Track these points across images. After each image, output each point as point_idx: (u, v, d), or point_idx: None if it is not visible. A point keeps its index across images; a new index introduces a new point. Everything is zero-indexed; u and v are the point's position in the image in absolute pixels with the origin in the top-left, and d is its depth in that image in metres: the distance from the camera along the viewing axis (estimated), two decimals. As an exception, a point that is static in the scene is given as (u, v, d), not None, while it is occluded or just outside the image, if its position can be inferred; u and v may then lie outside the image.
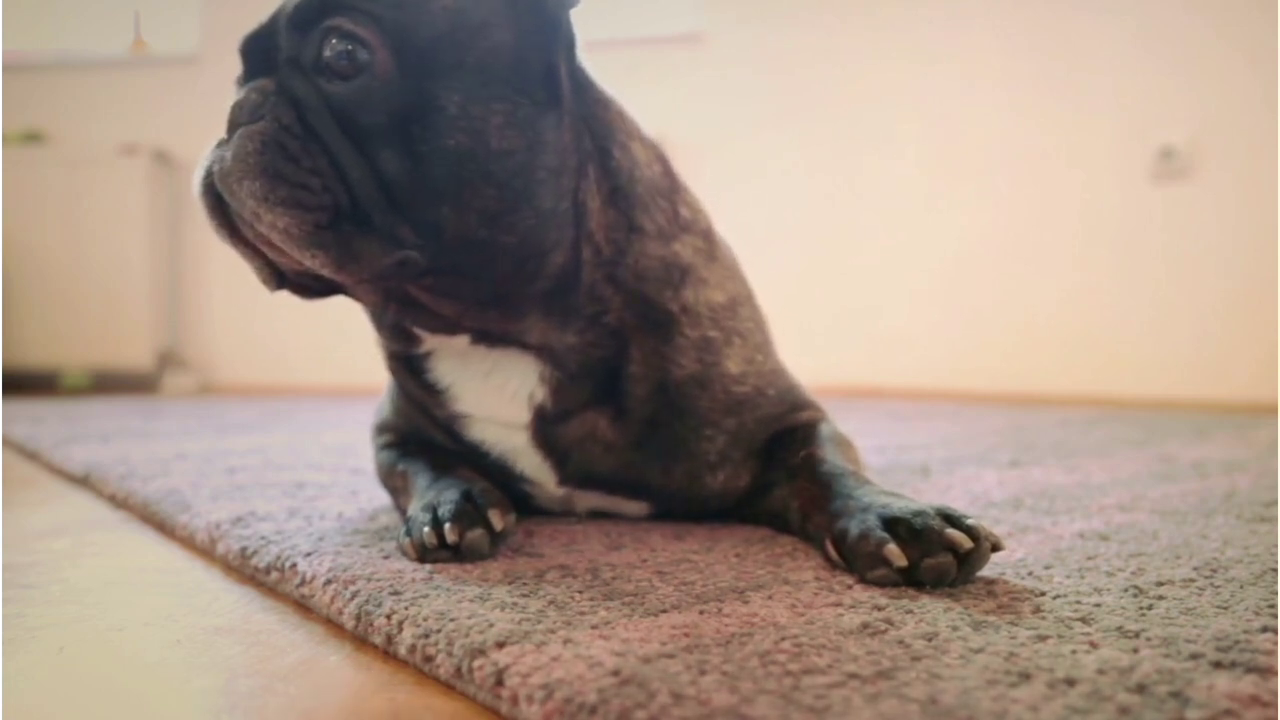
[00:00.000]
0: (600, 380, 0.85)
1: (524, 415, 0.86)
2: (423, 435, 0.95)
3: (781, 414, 0.91)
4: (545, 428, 0.86)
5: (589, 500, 0.92)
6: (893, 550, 0.67)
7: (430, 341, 0.86)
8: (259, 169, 0.70)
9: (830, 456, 0.85)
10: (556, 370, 0.84)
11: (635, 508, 0.92)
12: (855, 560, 0.70)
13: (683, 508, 0.91)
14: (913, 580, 0.67)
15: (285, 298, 0.82)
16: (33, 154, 3.69)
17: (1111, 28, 3.08)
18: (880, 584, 0.67)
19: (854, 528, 0.71)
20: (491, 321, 0.82)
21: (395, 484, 0.94)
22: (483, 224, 0.75)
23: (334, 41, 0.73)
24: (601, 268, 0.82)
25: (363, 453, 1.41)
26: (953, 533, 0.66)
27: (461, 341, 0.84)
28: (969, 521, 0.68)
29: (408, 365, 0.90)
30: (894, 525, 0.69)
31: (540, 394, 0.85)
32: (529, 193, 0.76)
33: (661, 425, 0.86)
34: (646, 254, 0.85)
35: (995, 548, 0.68)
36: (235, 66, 0.79)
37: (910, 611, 0.61)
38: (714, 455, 0.88)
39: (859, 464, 0.89)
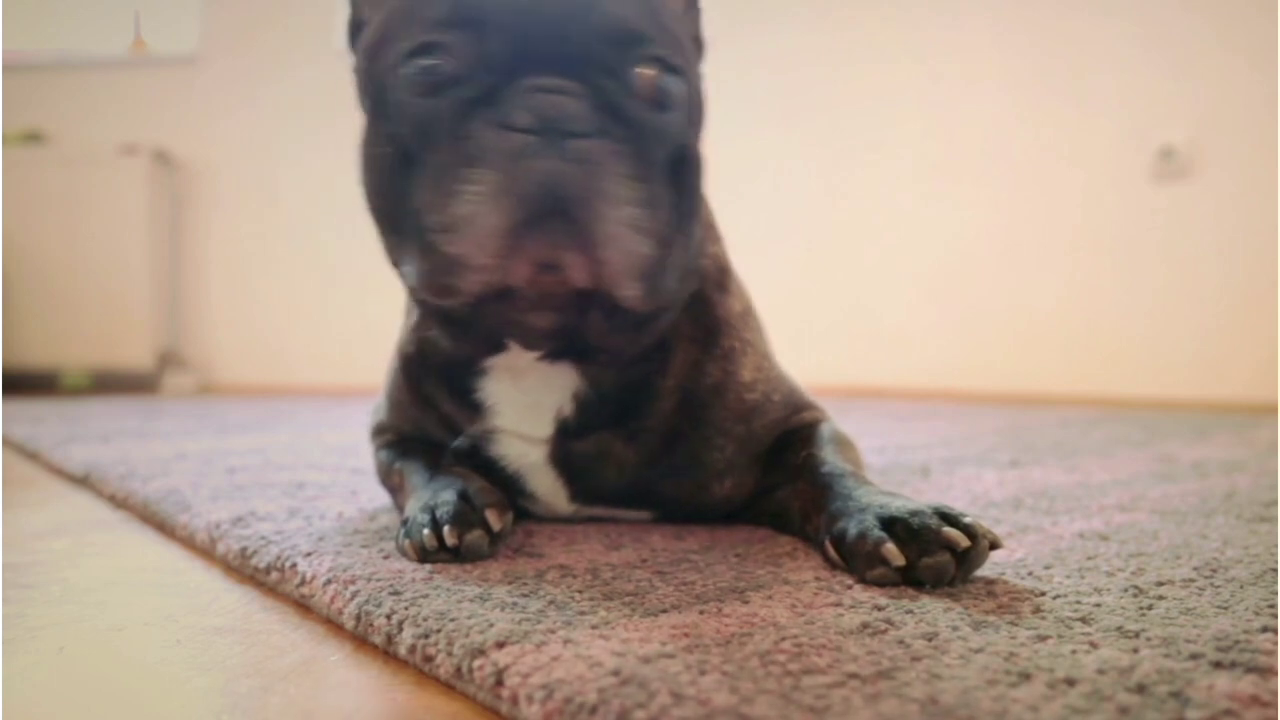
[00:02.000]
0: (627, 398, 0.84)
1: (547, 430, 0.85)
2: (421, 434, 0.95)
3: (786, 417, 0.92)
4: (564, 444, 0.85)
5: (592, 512, 0.92)
6: (890, 550, 0.67)
7: (497, 357, 0.83)
8: (612, 192, 0.66)
9: (830, 457, 0.85)
10: (591, 388, 0.83)
11: (638, 515, 0.92)
12: (854, 560, 0.70)
13: (686, 515, 0.91)
14: (911, 579, 0.67)
15: (284, 298, 0.82)
16: (33, 154, 3.69)
17: (1111, 28, 3.08)
18: (879, 584, 0.67)
19: (852, 528, 0.71)
20: (645, 342, 0.82)
21: (393, 483, 0.94)
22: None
23: (655, 70, 0.71)
24: None
25: (363, 453, 1.41)
26: (950, 531, 0.66)
27: (529, 356, 0.81)
28: (967, 520, 0.68)
29: (448, 382, 0.88)
30: (891, 525, 0.69)
31: (568, 409, 0.84)
32: None
33: (678, 438, 0.86)
34: (705, 253, 0.85)
35: (994, 546, 0.68)
36: (234, 67, 0.79)
37: (910, 611, 0.61)
38: (722, 464, 0.88)
39: (860, 464, 0.89)
